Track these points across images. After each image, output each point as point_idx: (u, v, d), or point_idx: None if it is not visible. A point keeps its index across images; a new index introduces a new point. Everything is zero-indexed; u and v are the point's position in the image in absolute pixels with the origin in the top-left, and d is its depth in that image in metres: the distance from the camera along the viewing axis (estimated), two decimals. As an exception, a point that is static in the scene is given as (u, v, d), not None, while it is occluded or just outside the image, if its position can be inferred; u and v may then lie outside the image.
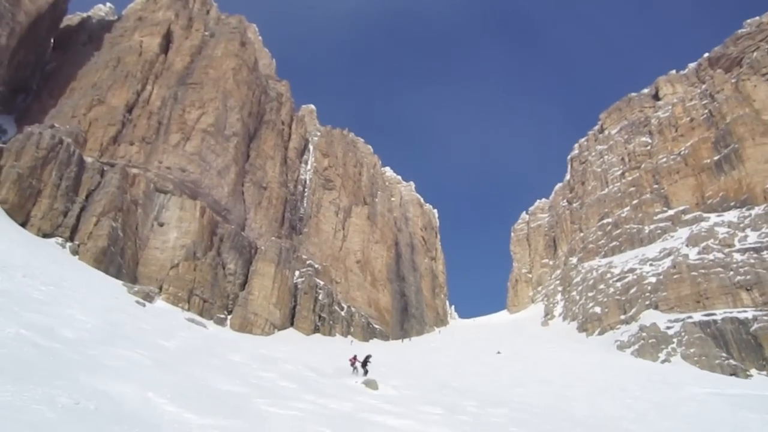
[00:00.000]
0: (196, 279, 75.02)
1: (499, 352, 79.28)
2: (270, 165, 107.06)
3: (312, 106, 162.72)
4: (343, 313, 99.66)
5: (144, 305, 52.18)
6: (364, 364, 34.77)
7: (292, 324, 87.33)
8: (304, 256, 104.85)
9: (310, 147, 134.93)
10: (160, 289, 70.93)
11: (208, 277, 77.24)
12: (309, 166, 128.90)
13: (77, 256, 62.49)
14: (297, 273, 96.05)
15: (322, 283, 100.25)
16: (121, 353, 18.24)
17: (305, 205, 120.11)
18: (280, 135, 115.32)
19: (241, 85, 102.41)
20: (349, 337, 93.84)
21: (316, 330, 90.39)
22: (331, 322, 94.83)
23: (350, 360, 36.75)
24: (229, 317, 78.69)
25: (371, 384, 30.21)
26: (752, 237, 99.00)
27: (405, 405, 25.39)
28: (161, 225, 78.51)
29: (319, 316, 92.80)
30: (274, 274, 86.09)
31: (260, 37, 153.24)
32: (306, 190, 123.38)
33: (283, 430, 13.41)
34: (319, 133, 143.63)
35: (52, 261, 51.90)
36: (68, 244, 63.78)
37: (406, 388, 33.32)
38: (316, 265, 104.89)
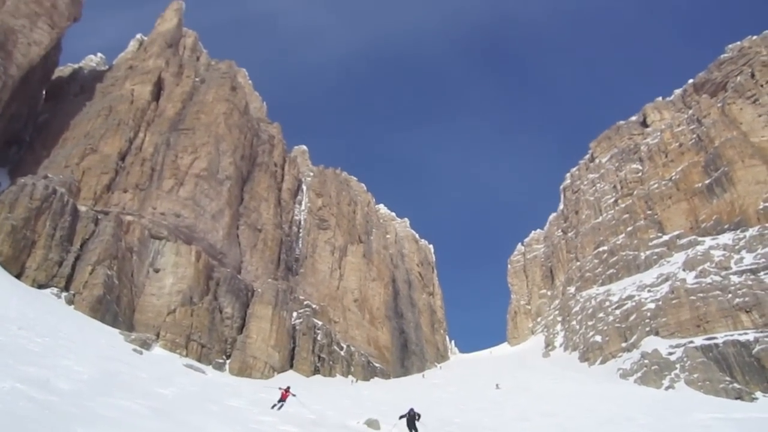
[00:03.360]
0: (194, 324, 74.49)
1: (497, 386, 78.54)
2: (264, 207, 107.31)
3: (304, 147, 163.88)
4: (342, 353, 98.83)
5: (141, 353, 51.78)
6: (412, 423, 27.64)
7: (291, 366, 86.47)
8: (301, 297, 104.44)
9: (304, 187, 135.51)
10: (158, 336, 70.32)
11: (205, 321, 76.73)
12: (303, 207, 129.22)
13: (73, 306, 62.11)
14: (295, 314, 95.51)
15: (320, 323, 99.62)
16: (118, 403, 18.07)
17: (300, 245, 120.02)
18: (273, 177, 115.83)
19: (233, 129, 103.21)
20: (350, 377, 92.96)
21: (316, 371, 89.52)
22: (330, 362, 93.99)
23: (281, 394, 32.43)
24: (227, 362, 77.94)
25: (373, 424, 29.97)
26: (748, 258, 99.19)
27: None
28: (157, 271, 78.25)
29: (319, 357, 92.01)
30: (272, 317, 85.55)
31: (250, 81, 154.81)
32: (301, 230, 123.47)
33: (284, 475, 13.28)
34: (312, 174, 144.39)
35: (47, 312, 51.60)
36: (63, 294, 63.44)
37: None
38: (314, 306, 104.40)
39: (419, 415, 27.48)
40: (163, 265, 78.92)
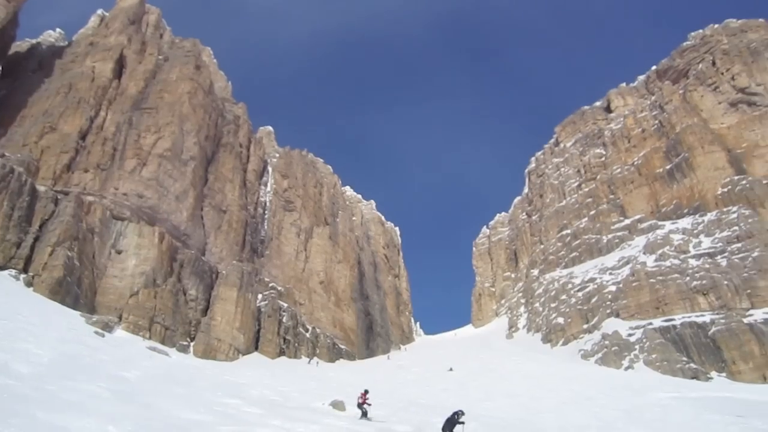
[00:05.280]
0: (157, 306, 73.54)
1: (451, 369, 79.18)
2: (229, 188, 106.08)
3: (270, 128, 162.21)
4: (308, 335, 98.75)
5: (103, 335, 51.01)
6: (453, 423, 22.91)
7: (256, 348, 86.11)
8: (266, 279, 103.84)
9: (269, 169, 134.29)
10: (120, 318, 69.32)
11: (169, 304, 75.83)
12: (268, 188, 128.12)
13: (32, 288, 60.87)
14: (260, 296, 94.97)
15: (285, 305, 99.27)
16: (79, 387, 17.75)
17: (266, 227, 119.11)
18: (238, 158, 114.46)
19: (197, 109, 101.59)
20: (315, 358, 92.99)
21: (282, 353, 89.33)
22: (296, 344, 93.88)
23: (359, 399, 28.89)
24: (192, 344, 77.24)
25: (338, 405, 29.96)
26: (706, 242, 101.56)
27: (373, 425, 25.22)
28: (119, 252, 76.95)
29: (284, 339, 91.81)
30: (237, 299, 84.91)
31: (215, 60, 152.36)
32: (266, 212, 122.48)
33: (250, 458, 13.16)
34: (277, 155, 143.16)
35: (5, 294, 50.48)
36: (22, 275, 62.11)
37: (374, 407, 33.08)
38: (279, 288, 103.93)
39: (460, 414, 23.09)
40: (126, 246, 77.61)
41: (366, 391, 28.97)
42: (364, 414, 27.93)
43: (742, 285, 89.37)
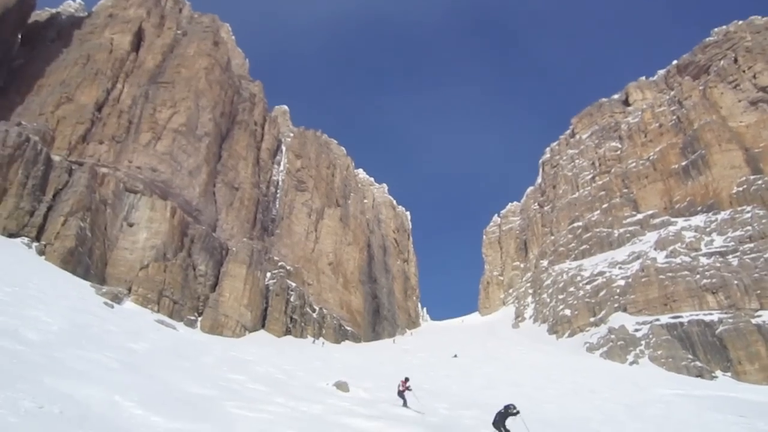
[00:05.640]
0: (166, 280, 74.06)
1: (455, 356, 79.33)
2: (242, 166, 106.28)
3: (285, 107, 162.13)
4: (314, 315, 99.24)
5: (112, 307, 51.47)
6: (505, 416, 22.08)
7: (263, 326, 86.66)
8: (275, 258, 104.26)
9: (283, 148, 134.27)
10: (129, 290, 69.86)
11: (178, 278, 76.32)
12: (281, 167, 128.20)
13: (44, 257, 61.35)
14: (268, 275, 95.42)
15: (293, 284, 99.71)
16: (87, 356, 17.93)
17: (277, 206, 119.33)
18: (252, 135, 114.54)
19: (214, 85, 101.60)
20: (321, 339, 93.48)
21: (288, 332, 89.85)
22: (302, 324, 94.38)
23: (400, 387, 27.81)
24: (199, 319, 77.83)
25: (342, 386, 30.13)
26: (718, 241, 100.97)
27: (376, 407, 25.36)
28: (131, 225, 77.41)
29: (291, 318, 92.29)
30: (246, 276, 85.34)
31: (233, 37, 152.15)
32: (278, 191, 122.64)
33: (253, 434, 13.27)
34: (292, 134, 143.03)
35: (17, 261, 50.96)
36: (34, 244, 62.59)
37: (377, 390, 33.27)
38: (288, 267, 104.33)
39: (512, 408, 22.05)
40: (138, 219, 78.05)
41: (407, 379, 28.16)
42: (405, 402, 27.22)
43: (752, 285, 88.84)
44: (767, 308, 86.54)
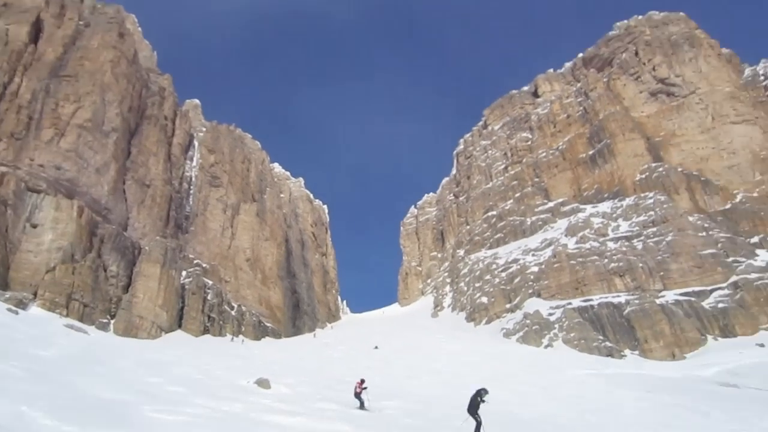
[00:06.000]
0: (75, 283, 70.91)
1: (376, 347, 79.91)
2: (153, 162, 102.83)
3: (196, 101, 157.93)
4: (233, 313, 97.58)
5: (17, 313, 49.02)
6: (477, 404, 22.10)
7: (180, 326, 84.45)
8: (191, 256, 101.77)
9: (195, 143, 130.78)
10: (35, 295, 66.50)
11: (88, 280, 73.22)
12: (194, 163, 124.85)
13: (-61, 262, 57.68)
14: (184, 273, 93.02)
15: (210, 282, 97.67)
16: (-9, 366, 16.97)
17: (191, 203, 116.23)
18: (163, 130, 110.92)
19: (120, 79, 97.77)
20: (240, 336, 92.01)
21: (206, 331, 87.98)
22: (221, 322, 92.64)
23: (356, 389, 27.75)
24: (112, 322, 75.01)
25: (263, 383, 29.76)
26: (624, 226, 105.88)
27: (298, 403, 25.19)
28: (34, 226, 73.58)
29: (209, 317, 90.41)
30: (160, 275, 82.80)
31: (140, 28, 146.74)
32: (192, 187, 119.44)
33: (173, 438, 12.86)
34: (204, 129, 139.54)
35: None
36: (-72, 249, 58.75)
37: (299, 385, 33.06)
38: (204, 265, 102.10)
39: (483, 393, 21.89)
40: (42, 220, 74.25)
41: (362, 380, 28.07)
42: (362, 404, 27.07)
43: (656, 267, 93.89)
44: (670, 289, 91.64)
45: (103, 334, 67.79)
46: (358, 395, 27.33)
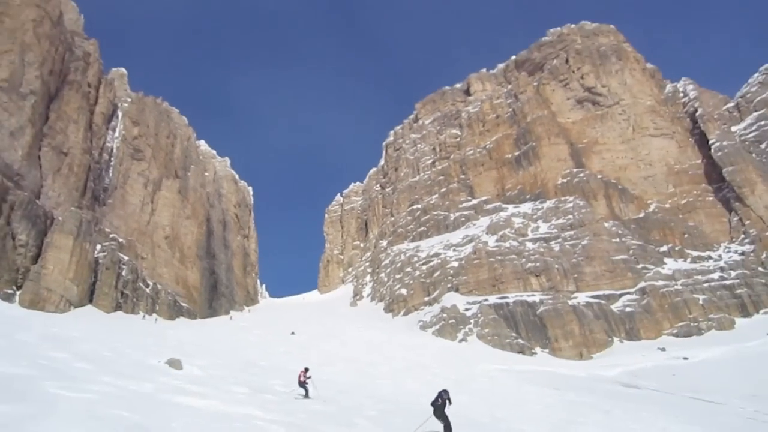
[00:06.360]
0: (-21, 250, 67.57)
1: (293, 333, 79.58)
2: (72, 129, 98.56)
3: (123, 70, 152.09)
4: (148, 291, 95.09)
5: None
6: (442, 408, 20.38)
7: (91, 301, 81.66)
8: (107, 230, 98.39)
9: (119, 113, 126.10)
10: (-66, 259, 63.06)
11: (-7, 247, 69.87)
12: (117, 134, 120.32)
13: None
14: (98, 247, 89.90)
15: (126, 258, 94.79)
16: None
17: (111, 175, 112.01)
18: (85, 98, 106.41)
19: (43, 40, 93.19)
20: (154, 315, 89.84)
21: (118, 307, 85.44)
22: (134, 299, 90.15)
23: (300, 378, 27.45)
24: (18, 293, 71.86)
25: (175, 364, 29.14)
26: (543, 228, 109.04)
27: (210, 385, 24.78)
28: (-62, 188, 69.64)
29: (122, 293, 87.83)
30: (72, 247, 79.61)
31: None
32: (112, 159, 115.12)
33: (74, 415, 12.40)
34: (129, 100, 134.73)
35: None
36: None
37: (211, 367, 32.53)
38: (121, 240, 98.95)
39: (444, 394, 20.59)
40: (-53, 181, 70.36)
41: (306, 369, 27.89)
42: (307, 393, 26.88)
43: (570, 269, 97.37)
44: (582, 291, 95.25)
45: (7, 305, 64.91)
46: (302, 384, 27.15)
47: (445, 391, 20.86)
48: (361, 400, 29.65)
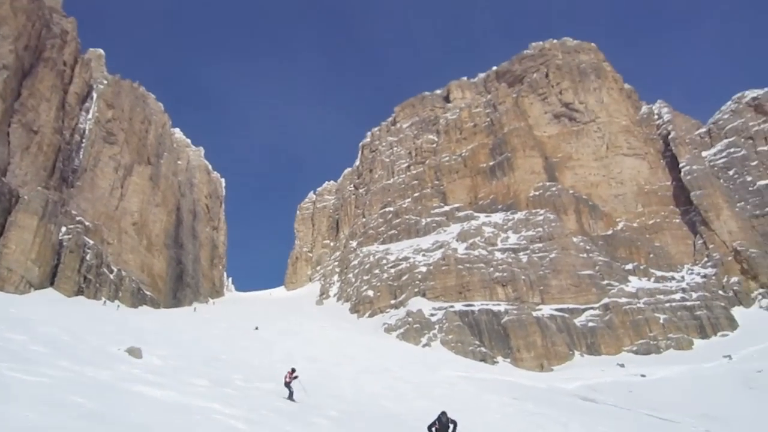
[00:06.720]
0: (-61, 224, 65.93)
1: (257, 328, 78.95)
2: (44, 108, 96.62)
3: (101, 51, 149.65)
4: (112, 276, 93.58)
5: None
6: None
7: (52, 284, 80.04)
8: (73, 212, 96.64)
9: (94, 95, 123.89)
10: None
11: (-46, 223, 68.22)
12: (90, 116, 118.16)
13: None
14: (64, 229, 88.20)
15: (91, 242, 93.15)
16: None
17: (81, 157, 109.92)
18: (60, 76, 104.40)
19: (19, 14, 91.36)
20: (116, 302, 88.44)
21: (80, 292, 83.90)
22: (97, 284, 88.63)
23: (286, 378, 27.31)
24: (-24, 271, 70.24)
25: (135, 352, 28.72)
26: (513, 238, 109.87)
27: (169, 376, 24.45)
28: None
29: (85, 278, 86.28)
30: (36, 228, 77.96)
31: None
32: (84, 140, 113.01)
33: (28, 399, 12.07)
34: (105, 82, 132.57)
35: None
36: None
37: (172, 358, 32.09)
38: (87, 223, 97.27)
39: (454, 423, 19.46)
40: None
41: (293, 370, 27.74)
42: (291, 394, 26.64)
43: (536, 281, 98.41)
44: (547, 303, 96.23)
45: (-35, 282, 63.38)
46: (287, 384, 26.90)
47: (445, 415, 19.51)
48: (322, 399, 29.49)
